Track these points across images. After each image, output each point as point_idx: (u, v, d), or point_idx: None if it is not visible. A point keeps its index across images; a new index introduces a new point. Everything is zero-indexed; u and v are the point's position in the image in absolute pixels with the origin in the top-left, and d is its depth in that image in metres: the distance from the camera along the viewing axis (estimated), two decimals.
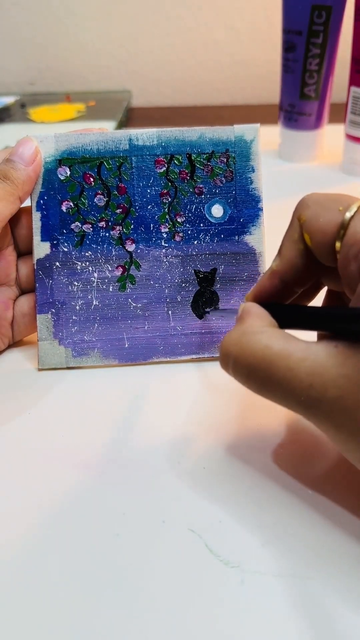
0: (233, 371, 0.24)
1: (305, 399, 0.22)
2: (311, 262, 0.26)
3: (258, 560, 0.24)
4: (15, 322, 0.36)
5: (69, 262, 0.35)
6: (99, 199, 0.35)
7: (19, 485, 0.27)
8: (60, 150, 0.34)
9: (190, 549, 0.24)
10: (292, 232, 0.26)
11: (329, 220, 0.24)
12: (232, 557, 0.24)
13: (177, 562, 0.24)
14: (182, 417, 0.31)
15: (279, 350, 0.23)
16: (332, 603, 0.22)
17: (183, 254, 0.36)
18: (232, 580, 0.23)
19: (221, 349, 0.25)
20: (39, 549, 0.24)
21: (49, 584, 0.23)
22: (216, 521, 0.25)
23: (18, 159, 0.33)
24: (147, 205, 0.35)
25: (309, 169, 0.65)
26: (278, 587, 0.23)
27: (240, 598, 0.22)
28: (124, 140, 0.35)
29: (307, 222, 0.25)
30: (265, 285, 0.27)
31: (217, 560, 0.24)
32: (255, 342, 0.23)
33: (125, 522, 0.25)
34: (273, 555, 0.24)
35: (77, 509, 0.26)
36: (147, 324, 0.36)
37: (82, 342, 0.35)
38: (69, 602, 0.22)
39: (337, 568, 0.23)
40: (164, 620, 0.22)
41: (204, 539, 0.25)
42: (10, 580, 0.23)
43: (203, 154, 0.35)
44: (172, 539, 0.25)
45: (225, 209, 0.35)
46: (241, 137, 0.35)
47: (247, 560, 0.24)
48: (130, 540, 0.25)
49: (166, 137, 0.35)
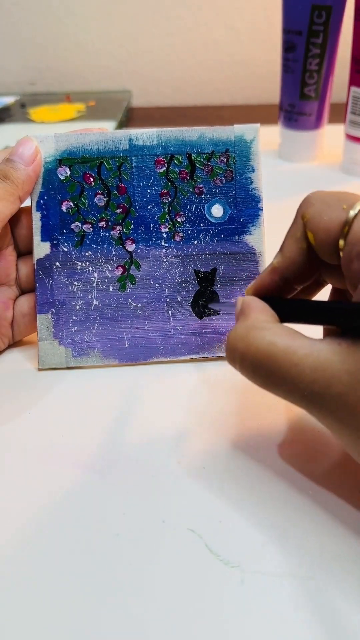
0: (240, 367, 0.25)
1: (308, 394, 0.22)
2: (313, 260, 0.26)
3: (258, 560, 0.24)
4: (15, 322, 0.36)
5: (69, 262, 0.35)
6: (99, 199, 0.35)
7: (19, 485, 0.27)
8: (60, 150, 0.34)
9: (190, 549, 0.24)
10: (295, 229, 0.26)
11: (333, 219, 0.24)
12: (232, 557, 0.24)
13: (177, 562, 0.24)
14: (182, 417, 0.31)
15: (284, 347, 0.23)
16: (333, 603, 0.22)
17: (183, 254, 0.36)
18: (232, 580, 0.23)
19: (227, 344, 0.25)
20: (38, 548, 0.24)
21: (48, 584, 0.23)
22: (216, 521, 0.25)
23: (18, 159, 0.33)
24: (147, 205, 0.35)
25: (309, 169, 0.65)
26: (278, 587, 0.23)
27: (240, 598, 0.22)
28: (124, 140, 0.35)
29: (311, 220, 0.25)
30: (265, 281, 0.27)
31: (217, 560, 0.24)
32: (261, 338, 0.24)
33: (125, 522, 0.25)
34: (273, 555, 0.24)
35: (77, 508, 0.26)
36: (147, 323, 0.36)
37: (82, 342, 0.35)
38: (69, 602, 0.22)
39: (338, 568, 0.23)
40: (164, 620, 0.22)
41: (204, 539, 0.25)
42: (10, 581, 0.23)
43: (203, 153, 0.35)
44: (172, 538, 0.25)
45: (225, 208, 0.35)
46: (241, 137, 0.35)
47: (248, 560, 0.24)
48: (130, 540, 0.25)
49: (166, 137, 0.35)
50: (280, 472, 0.28)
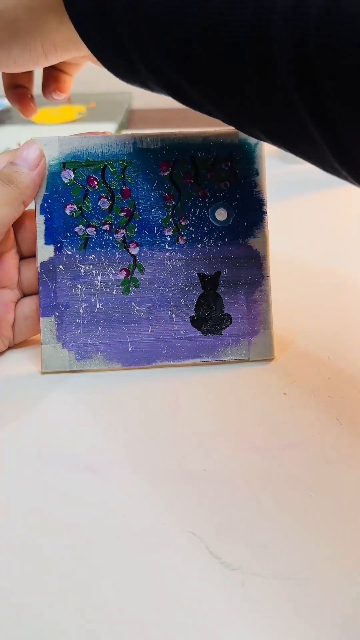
0: None
1: None
2: None
3: (259, 562, 0.24)
4: (17, 324, 0.36)
5: (73, 265, 0.35)
6: (102, 202, 0.35)
7: (20, 486, 0.27)
8: (64, 153, 0.34)
9: (190, 551, 0.24)
10: None
11: None
12: (232, 559, 0.24)
13: (177, 565, 0.24)
14: (183, 420, 0.31)
15: None
16: (333, 606, 0.22)
17: (187, 258, 0.35)
18: (233, 582, 0.23)
19: None
20: (39, 550, 0.24)
21: (49, 585, 0.23)
22: (217, 524, 0.25)
23: (22, 163, 0.33)
24: (151, 209, 0.35)
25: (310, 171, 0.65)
26: (278, 589, 0.23)
27: (240, 600, 0.22)
28: (128, 143, 0.35)
29: None
30: None
31: (217, 563, 0.24)
32: None
33: (126, 524, 0.25)
34: (274, 558, 0.24)
35: (78, 511, 0.26)
36: (150, 327, 0.35)
37: (86, 346, 0.35)
38: (69, 604, 0.22)
39: (337, 570, 0.23)
40: (164, 623, 0.22)
41: (205, 541, 0.25)
42: (11, 581, 0.23)
43: (207, 157, 0.35)
44: (172, 541, 0.25)
45: (229, 212, 0.35)
46: (245, 140, 0.35)
47: (248, 562, 0.24)
48: (130, 542, 0.25)
49: (170, 140, 0.35)
50: (281, 474, 0.28)
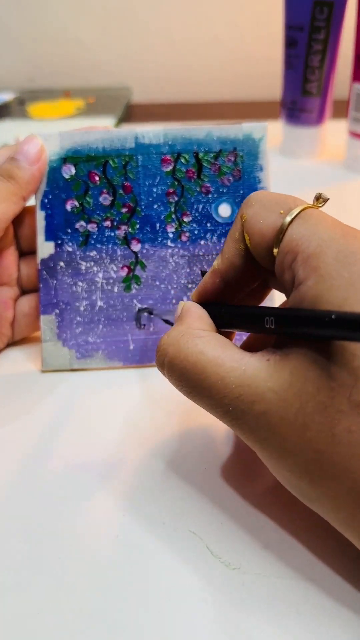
0: (167, 372, 0.24)
1: (233, 409, 0.21)
2: (252, 263, 0.25)
3: (259, 562, 0.24)
4: (16, 322, 0.36)
5: (74, 262, 0.34)
6: (104, 198, 0.34)
7: (20, 486, 0.27)
8: (65, 148, 0.34)
9: (191, 550, 0.24)
10: (234, 229, 0.25)
11: (268, 223, 0.23)
12: (233, 559, 0.24)
13: (178, 564, 0.24)
14: (183, 419, 0.31)
15: (213, 358, 0.22)
16: (334, 605, 0.22)
17: (189, 254, 0.35)
18: (233, 582, 0.23)
19: (158, 347, 0.24)
20: (39, 550, 0.24)
21: (48, 585, 0.23)
22: (218, 523, 0.25)
23: (22, 158, 0.33)
24: (153, 205, 0.35)
25: (311, 166, 0.65)
26: (279, 589, 0.23)
27: (241, 600, 0.22)
28: (130, 138, 0.34)
29: (248, 222, 0.24)
30: (207, 285, 0.26)
31: (218, 562, 0.24)
32: (192, 346, 0.23)
33: (126, 523, 0.25)
34: (274, 558, 0.24)
35: (77, 510, 0.26)
36: (152, 325, 0.35)
37: (87, 344, 0.35)
38: (69, 604, 0.22)
39: (338, 570, 0.23)
40: (164, 622, 0.21)
41: (205, 540, 0.24)
42: (10, 581, 0.23)
43: (210, 152, 0.34)
44: (173, 540, 0.24)
45: (232, 208, 0.35)
46: (249, 135, 0.34)
47: (249, 562, 0.24)
48: (130, 541, 0.24)
49: (173, 135, 0.34)
50: None
